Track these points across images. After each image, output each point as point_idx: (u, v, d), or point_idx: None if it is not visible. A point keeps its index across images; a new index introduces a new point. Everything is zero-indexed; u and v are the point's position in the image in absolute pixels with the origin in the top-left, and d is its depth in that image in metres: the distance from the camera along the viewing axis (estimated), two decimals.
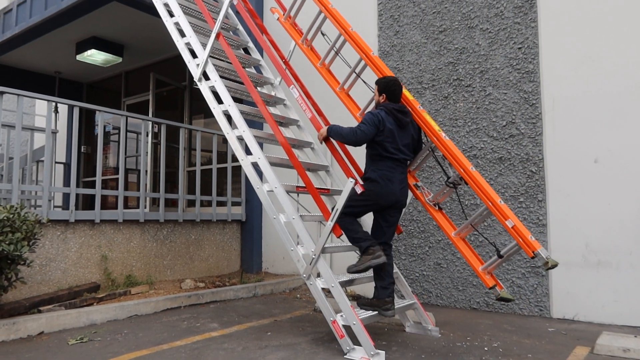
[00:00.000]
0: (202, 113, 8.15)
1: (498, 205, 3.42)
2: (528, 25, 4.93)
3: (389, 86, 3.80)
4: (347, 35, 4.23)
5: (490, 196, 3.45)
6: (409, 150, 3.82)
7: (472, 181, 3.53)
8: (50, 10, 6.18)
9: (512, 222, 3.33)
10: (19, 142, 4.90)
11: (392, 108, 3.73)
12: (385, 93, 3.81)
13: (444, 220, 3.85)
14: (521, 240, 3.27)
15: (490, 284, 3.49)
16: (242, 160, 4.11)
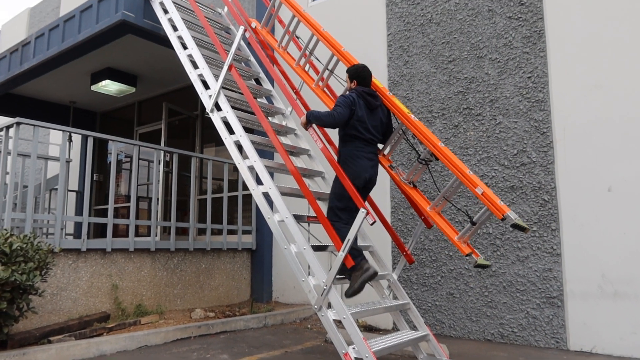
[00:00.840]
0: (213, 141, 8.23)
1: (467, 175, 3.58)
2: (537, 54, 4.96)
3: (358, 72, 4.05)
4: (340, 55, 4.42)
5: (460, 167, 3.63)
6: (378, 132, 4.02)
7: (442, 155, 3.72)
8: (67, 43, 6.33)
9: (482, 189, 3.48)
10: (33, 171, 4.97)
11: (362, 91, 3.97)
12: (355, 79, 4.05)
13: (419, 197, 4.02)
14: (491, 205, 3.42)
15: (466, 251, 3.61)
16: (253, 190, 4.12)
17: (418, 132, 3.87)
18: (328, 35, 4.46)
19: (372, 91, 4.05)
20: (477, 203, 5.10)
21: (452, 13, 5.55)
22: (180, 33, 5.19)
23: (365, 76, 4.05)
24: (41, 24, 12.08)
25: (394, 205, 5.71)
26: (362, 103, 3.92)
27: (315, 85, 4.77)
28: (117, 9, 5.75)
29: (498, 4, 5.25)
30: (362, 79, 4.04)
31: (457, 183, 3.74)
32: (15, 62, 7.33)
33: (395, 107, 4.03)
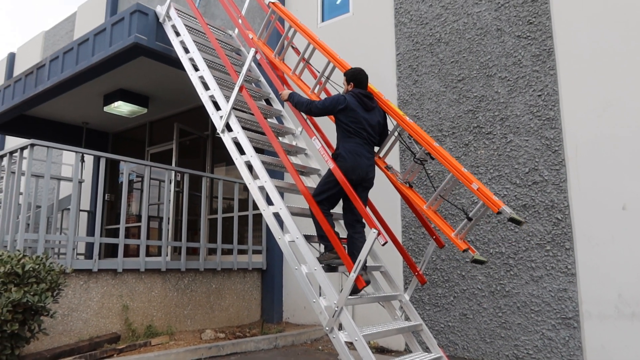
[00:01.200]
0: (223, 161, 8.28)
1: (463, 172, 3.67)
2: (547, 72, 4.96)
3: (355, 75, 4.21)
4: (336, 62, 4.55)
5: (455, 165, 3.72)
6: (375, 132, 4.16)
7: (437, 154, 3.83)
8: (81, 66, 6.45)
9: (477, 185, 3.57)
10: (46, 191, 5.02)
11: (358, 92, 4.13)
12: (352, 81, 4.20)
13: (415, 196, 4.12)
14: (487, 200, 3.50)
15: (463, 247, 3.67)
16: (264, 210, 4.13)
17: (414, 132, 3.99)
18: (345, 62, 4.48)
19: (368, 93, 4.19)
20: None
21: (461, 32, 5.58)
22: (192, 55, 5.27)
23: (361, 79, 4.20)
24: (55, 47, 12.33)
25: (404, 224, 5.68)
26: (357, 103, 4.06)
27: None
28: (130, 32, 5.86)
29: (506, 23, 5.27)
30: (359, 81, 4.19)
31: (452, 180, 3.82)
32: (30, 85, 7.46)
33: (390, 109, 4.19)
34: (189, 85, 5.29)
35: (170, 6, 5.82)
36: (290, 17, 4.99)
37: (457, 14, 5.65)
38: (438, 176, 5.46)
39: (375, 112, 4.17)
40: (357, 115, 4.01)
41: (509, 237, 4.95)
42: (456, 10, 5.66)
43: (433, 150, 3.85)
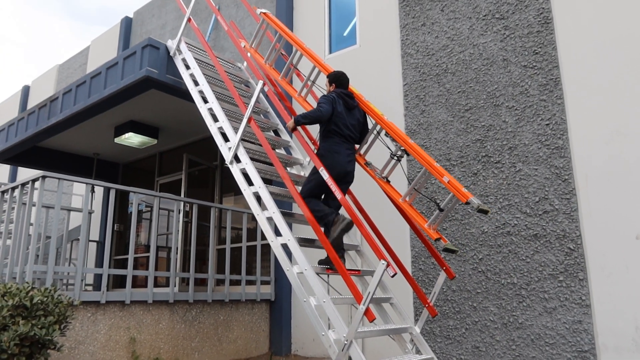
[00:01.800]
0: (232, 191, 8.30)
1: (435, 167, 3.92)
2: (554, 102, 4.97)
3: (337, 76, 4.52)
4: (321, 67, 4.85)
5: (428, 160, 3.98)
6: (355, 130, 4.40)
7: (412, 150, 4.09)
8: (93, 98, 6.57)
9: (448, 178, 3.82)
10: (56, 222, 5.05)
11: (340, 92, 4.39)
12: (334, 82, 4.50)
13: (392, 190, 4.34)
14: (456, 192, 3.73)
15: (435, 236, 3.89)
16: (272, 241, 4.11)
17: (391, 130, 4.25)
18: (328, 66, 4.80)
19: (349, 93, 4.47)
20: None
21: (467, 63, 5.63)
22: (201, 87, 5.35)
23: (343, 80, 4.51)
24: (69, 80, 12.61)
25: (414, 254, 5.62)
26: (340, 102, 4.33)
27: None
28: (141, 66, 5.98)
29: (512, 54, 5.32)
30: (341, 82, 4.49)
31: (426, 174, 4.06)
32: (43, 117, 7.60)
33: (370, 109, 4.46)
34: (199, 117, 5.36)
35: (180, 40, 5.95)
36: (280, 26, 5.37)
37: (463, 45, 5.71)
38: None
39: (356, 111, 4.45)
40: (339, 116, 4.27)
41: (520, 268, 4.88)
42: (462, 41, 5.73)
43: (408, 146, 4.13)
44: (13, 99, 14.72)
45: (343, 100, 4.34)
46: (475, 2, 5.71)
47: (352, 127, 4.35)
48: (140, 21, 11.15)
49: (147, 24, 10.90)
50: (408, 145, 4.12)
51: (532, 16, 5.27)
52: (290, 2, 7.69)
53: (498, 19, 5.50)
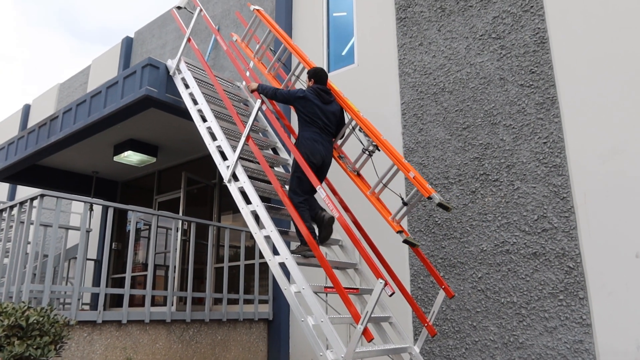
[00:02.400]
0: (230, 209, 8.29)
1: (403, 163, 4.14)
2: (551, 120, 5.00)
3: (316, 72, 4.84)
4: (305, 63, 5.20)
5: (397, 156, 4.21)
6: (332, 123, 4.68)
7: (383, 146, 4.30)
8: (93, 117, 6.60)
9: (414, 174, 4.04)
10: (54, 240, 5.03)
11: (316, 87, 4.71)
12: (313, 78, 4.82)
13: (361, 183, 4.60)
14: (420, 187, 3.93)
15: (397, 229, 4.10)
16: (270, 260, 4.10)
17: (365, 126, 4.49)
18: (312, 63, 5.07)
19: (326, 88, 4.79)
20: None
21: (464, 82, 5.68)
22: (200, 107, 5.38)
23: (321, 76, 4.82)
24: (69, 98, 12.69)
25: (413, 273, 5.59)
26: (316, 96, 4.63)
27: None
28: (141, 85, 6.02)
29: (509, 73, 5.37)
30: (319, 77, 4.81)
31: (394, 169, 4.27)
32: (43, 135, 7.63)
33: (347, 105, 4.73)
34: (197, 135, 5.38)
35: (180, 60, 6.00)
36: (271, 23, 5.72)
37: (460, 64, 5.77)
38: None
39: (332, 105, 4.74)
40: (314, 106, 4.57)
41: (520, 286, 4.85)
42: (459, 60, 5.78)
43: (380, 142, 4.34)
44: (14, 118, 14.80)
45: (318, 95, 4.65)
46: (472, 22, 5.78)
47: (328, 120, 4.64)
48: (141, 41, 11.26)
49: (147, 44, 11.01)
50: (380, 142, 4.34)
51: (528, 36, 5.33)
52: (289, 21, 7.79)
53: (494, 39, 5.56)
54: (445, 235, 5.44)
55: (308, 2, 7.75)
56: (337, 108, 4.78)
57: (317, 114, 4.56)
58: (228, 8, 9.12)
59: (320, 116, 4.57)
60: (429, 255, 5.48)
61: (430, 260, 5.43)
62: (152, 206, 9.43)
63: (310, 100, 4.58)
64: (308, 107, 4.56)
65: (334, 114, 4.72)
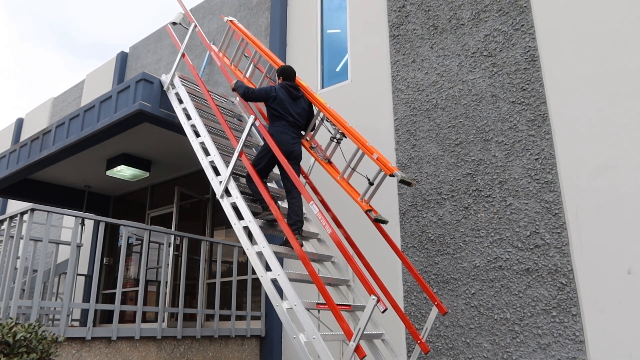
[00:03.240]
0: (223, 224, 8.25)
1: (367, 146, 4.40)
2: (543, 137, 5.04)
3: (284, 70, 5.10)
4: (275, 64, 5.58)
5: (362, 140, 4.46)
6: (301, 118, 4.96)
7: (349, 132, 4.59)
8: (86, 131, 6.58)
9: (377, 155, 4.29)
10: (44, 255, 4.97)
11: (286, 84, 4.99)
12: (282, 75, 5.09)
13: (332, 169, 4.88)
14: (383, 166, 4.19)
15: (366, 207, 4.32)
16: (262, 276, 4.07)
17: (331, 116, 4.77)
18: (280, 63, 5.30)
19: (294, 85, 5.05)
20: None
21: (457, 98, 5.73)
22: (194, 122, 5.39)
23: (289, 73, 5.08)
24: (63, 112, 12.67)
25: (406, 289, 5.57)
26: (285, 92, 4.90)
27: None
28: (135, 100, 6.03)
29: (501, 90, 5.42)
30: (287, 75, 5.07)
31: (360, 153, 4.54)
32: (35, 149, 7.59)
33: (315, 99, 5.01)
34: (191, 150, 5.37)
35: (174, 75, 6.02)
36: (243, 31, 6.07)
37: (452, 81, 5.82)
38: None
39: (301, 100, 5.00)
40: (284, 102, 4.84)
41: (513, 303, 4.84)
42: (451, 77, 5.84)
43: (346, 130, 4.62)
44: (6, 132, 14.74)
45: (287, 92, 4.93)
46: (464, 40, 5.85)
47: (297, 114, 4.92)
48: (136, 56, 11.30)
49: (142, 59, 11.05)
50: (345, 129, 4.62)
51: (519, 54, 5.40)
52: (284, 38, 7.85)
53: (486, 57, 5.63)
54: (438, 251, 5.43)
55: (302, 19, 7.82)
56: (305, 103, 5.06)
57: (286, 108, 4.84)
58: (223, 24, 9.18)
59: (290, 111, 4.86)
60: (422, 271, 5.47)
61: (424, 276, 5.42)
62: (145, 221, 9.37)
63: (280, 96, 4.86)
64: (278, 104, 4.84)
65: (303, 109, 5.01)
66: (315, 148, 5.08)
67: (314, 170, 5.59)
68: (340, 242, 3.96)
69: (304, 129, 5.10)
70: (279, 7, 8.05)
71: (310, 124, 5.15)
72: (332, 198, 5.39)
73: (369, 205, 4.40)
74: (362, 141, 4.44)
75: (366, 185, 4.46)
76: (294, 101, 4.95)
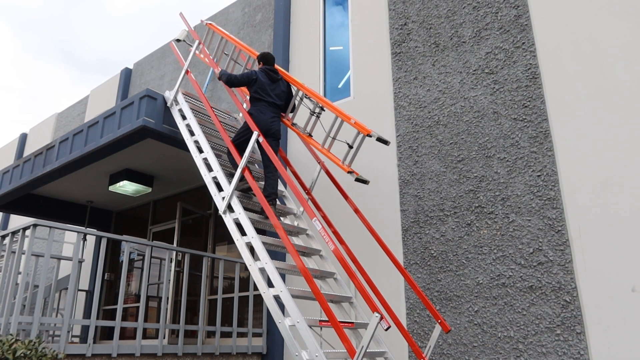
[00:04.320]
0: (225, 240, 8.24)
1: (344, 114, 4.81)
2: (545, 154, 5.05)
3: (264, 56, 5.52)
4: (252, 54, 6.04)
5: (339, 110, 4.88)
6: (280, 99, 5.36)
7: (326, 104, 5.00)
8: (89, 147, 6.61)
9: (354, 120, 4.66)
10: (45, 271, 4.96)
11: (265, 68, 5.40)
12: (262, 60, 5.50)
13: (313, 142, 5.23)
14: (361, 128, 4.60)
15: (347, 169, 4.74)
16: (264, 293, 4.05)
17: (309, 92, 5.19)
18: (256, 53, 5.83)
19: (273, 69, 5.44)
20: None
21: (459, 115, 5.75)
22: (197, 138, 5.41)
23: (268, 58, 5.49)
24: (67, 128, 12.74)
25: (409, 306, 5.53)
26: (264, 75, 5.30)
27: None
28: (138, 115, 6.06)
29: (502, 107, 5.45)
30: (266, 60, 5.48)
31: (338, 121, 4.93)
32: (38, 165, 7.62)
33: (291, 79, 5.42)
34: (193, 166, 5.39)
35: (178, 91, 6.07)
36: (222, 32, 6.57)
37: (454, 98, 5.86)
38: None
39: (280, 83, 5.40)
40: (264, 85, 5.25)
41: (517, 320, 4.80)
42: (453, 94, 5.87)
43: (324, 102, 5.02)
44: (10, 147, 14.81)
45: (267, 75, 5.33)
46: (465, 58, 5.90)
47: (277, 95, 5.31)
48: (140, 72, 11.41)
49: (146, 75, 11.15)
50: (323, 102, 5.04)
51: (520, 71, 5.44)
52: (287, 55, 7.92)
53: (487, 74, 5.67)
54: (441, 268, 5.41)
55: (305, 36, 7.90)
56: (284, 85, 5.46)
57: (265, 90, 5.25)
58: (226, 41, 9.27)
59: (269, 92, 5.26)
60: (425, 289, 5.44)
61: (426, 294, 5.39)
62: (147, 236, 9.36)
63: (260, 79, 5.27)
64: (258, 86, 5.24)
65: (282, 90, 5.41)
66: (297, 125, 5.49)
67: (317, 187, 5.60)
68: (343, 259, 3.95)
69: (284, 109, 5.50)
70: (282, 24, 8.15)
71: (290, 104, 5.54)
72: (334, 214, 5.39)
73: (350, 168, 4.80)
74: (340, 110, 4.85)
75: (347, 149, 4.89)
76: (273, 83, 5.34)
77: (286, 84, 5.49)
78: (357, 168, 5.23)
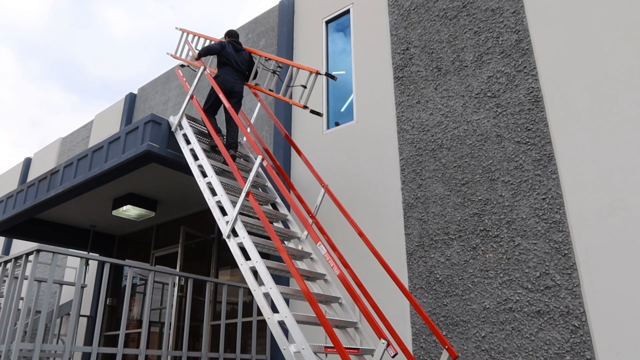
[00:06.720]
0: (229, 264, 8.18)
1: (301, 65, 5.85)
2: (549, 177, 5.04)
3: (230, 32, 6.73)
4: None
5: (294, 62, 6.09)
6: (243, 65, 6.41)
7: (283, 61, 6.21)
8: (94, 172, 6.62)
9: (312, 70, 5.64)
10: (47, 297, 4.92)
11: (230, 40, 6.53)
12: (227, 35, 6.68)
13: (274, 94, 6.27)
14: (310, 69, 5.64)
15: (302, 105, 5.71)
16: (269, 318, 4.00)
17: (268, 55, 6.39)
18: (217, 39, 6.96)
19: (237, 40, 6.58)
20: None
21: (462, 138, 5.77)
22: (201, 162, 5.43)
23: (232, 33, 6.71)
24: (71, 152, 12.81)
25: (414, 332, 5.45)
26: (230, 46, 6.39)
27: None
28: (143, 140, 6.09)
29: (505, 130, 5.47)
30: (232, 34, 6.67)
31: (294, 70, 6.16)
32: (42, 189, 7.63)
33: (252, 50, 6.59)
34: (197, 190, 5.39)
35: (182, 117, 6.11)
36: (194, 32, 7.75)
37: (457, 121, 5.88)
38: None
39: (243, 53, 6.49)
40: (229, 53, 6.30)
41: (525, 346, 4.72)
42: (456, 118, 5.90)
43: (281, 60, 6.24)
44: (14, 171, 14.87)
45: (233, 45, 6.43)
46: (468, 82, 5.95)
47: (240, 62, 6.35)
48: (144, 97, 11.52)
49: (150, 100, 11.26)
50: (280, 60, 6.26)
51: (522, 95, 5.47)
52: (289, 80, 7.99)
53: (490, 97, 5.70)
54: (447, 293, 5.35)
55: (307, 61, 7.99)
56: (246, 54, 6.55)
57: (231, 57, 6.28)
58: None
59: (235, 59, 6.31)
60: (431, 313, 5.36)
61: (432, 319, 5.32)
62: (150, 261, 9.31)
63: (227, 49, 6.33)
64: (225, 54, 6.27)
65: (245, 59, 6.46)
66: (258, 84, 6.52)
67: (321, 211, 5.59)
68: (348, 283, 3.91)
69: (247, 76, 6.51)
70: (285, 49, 8.25)
71: (252, 72, 6.57)
72: (338, 238, 5.37)
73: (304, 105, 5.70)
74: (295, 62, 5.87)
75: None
76: (237, 52, 6.42)
77: (248, 54, 6.55)
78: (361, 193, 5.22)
